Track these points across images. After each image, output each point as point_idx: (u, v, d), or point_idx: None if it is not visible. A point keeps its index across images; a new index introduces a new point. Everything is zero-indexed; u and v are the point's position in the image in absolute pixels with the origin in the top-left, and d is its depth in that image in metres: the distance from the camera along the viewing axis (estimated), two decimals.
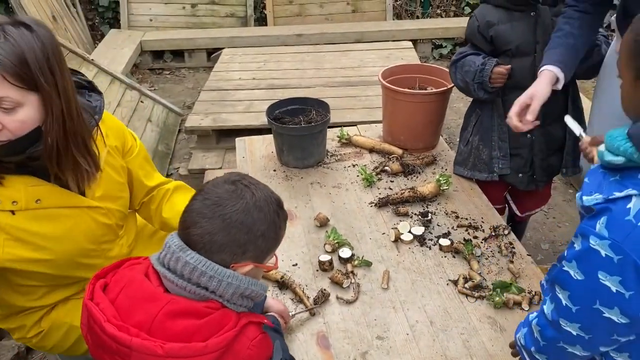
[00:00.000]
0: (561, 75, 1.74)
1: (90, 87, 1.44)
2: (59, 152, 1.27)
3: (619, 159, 0.98)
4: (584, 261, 1.01)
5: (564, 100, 2.03)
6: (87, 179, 1.37)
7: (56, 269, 1.41)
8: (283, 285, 1.66)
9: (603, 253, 0.97)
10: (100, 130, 1.42)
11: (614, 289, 0.97)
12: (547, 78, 1.73)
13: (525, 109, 1.73)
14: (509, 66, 1.95)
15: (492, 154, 2.14)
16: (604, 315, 1.00)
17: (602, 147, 1.05)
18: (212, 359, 1.00)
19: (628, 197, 0.96)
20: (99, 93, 1.45)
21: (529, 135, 2.06)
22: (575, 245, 1.04)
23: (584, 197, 1.03)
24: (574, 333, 1.07)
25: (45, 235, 1.34)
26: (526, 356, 1.23)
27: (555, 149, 2.11)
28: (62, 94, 1.23)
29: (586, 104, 2.69)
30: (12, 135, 1.20)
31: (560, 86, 1.76)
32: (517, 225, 2.55)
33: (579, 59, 1.80)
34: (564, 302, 1.06)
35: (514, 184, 2.19)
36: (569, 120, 1.62)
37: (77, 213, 1.40)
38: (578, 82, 2.08)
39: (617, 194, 0.97)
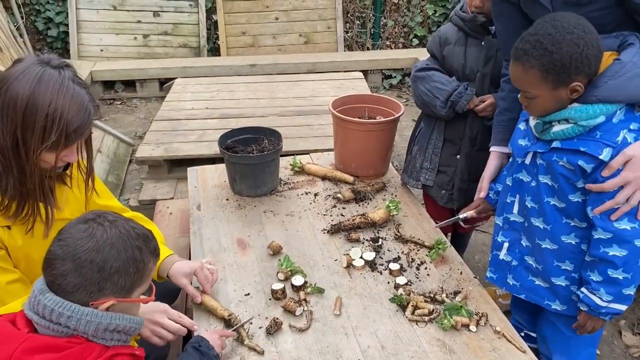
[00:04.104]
0: (507, 150, 1.86)
1: None
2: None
3: (601, 118, 1.36)
4: None
5: None
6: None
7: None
8: (229, 323, 1.60)
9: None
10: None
11: None
12: (494, 158, 1.90)
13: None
14: (492, 99, 2.05)
15: (423, 164, 2.28)
16: None
17: (564, 126, 1.41)
18: None
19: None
20: None
21: (458, 156, 2.18)
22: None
23: (601, 156, 1.35)
24: None
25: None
26: (618, 306, 1.45)
27: (479, 176, 2.20)
28: None
29: None
30: None
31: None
32: (460, 238, 2.66)
33: None
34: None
35: (435, 198, 2.31)
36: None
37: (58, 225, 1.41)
38: None
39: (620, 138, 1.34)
